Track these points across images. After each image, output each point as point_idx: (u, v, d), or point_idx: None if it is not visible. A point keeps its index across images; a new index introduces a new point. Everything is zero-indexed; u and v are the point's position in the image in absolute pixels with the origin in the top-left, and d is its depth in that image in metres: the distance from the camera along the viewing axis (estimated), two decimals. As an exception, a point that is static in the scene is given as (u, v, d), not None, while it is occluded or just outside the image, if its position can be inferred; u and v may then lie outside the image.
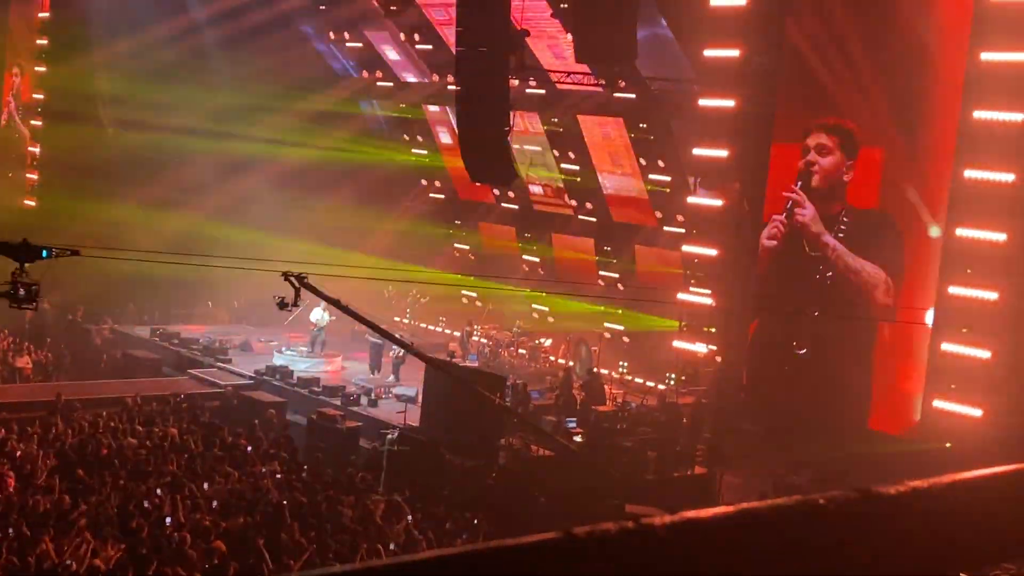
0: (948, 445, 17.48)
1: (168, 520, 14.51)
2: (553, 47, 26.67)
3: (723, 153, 21.45)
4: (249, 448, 18.62)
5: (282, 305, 16.89)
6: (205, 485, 16.17)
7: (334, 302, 17.44)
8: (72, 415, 20.15)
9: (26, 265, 15.20)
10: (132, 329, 29.52)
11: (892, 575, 1.12)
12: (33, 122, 34.35)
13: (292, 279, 16.18)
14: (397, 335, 26.60)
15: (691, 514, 0.97)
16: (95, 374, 25.93)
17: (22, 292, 15.50)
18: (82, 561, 12.60)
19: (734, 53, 20.79)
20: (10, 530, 13.28)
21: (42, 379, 25.29)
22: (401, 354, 25.54)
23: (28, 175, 33.67)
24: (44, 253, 15.09)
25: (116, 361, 26.84)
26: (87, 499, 14.88)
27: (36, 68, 33.59)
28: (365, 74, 33.05)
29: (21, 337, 27.42)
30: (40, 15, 33.33)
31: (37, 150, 33.78)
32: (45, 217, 29.75)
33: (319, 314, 27.40)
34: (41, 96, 33.63)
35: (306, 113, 32.30)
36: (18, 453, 16.86)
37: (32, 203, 32.63)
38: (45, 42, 33.10)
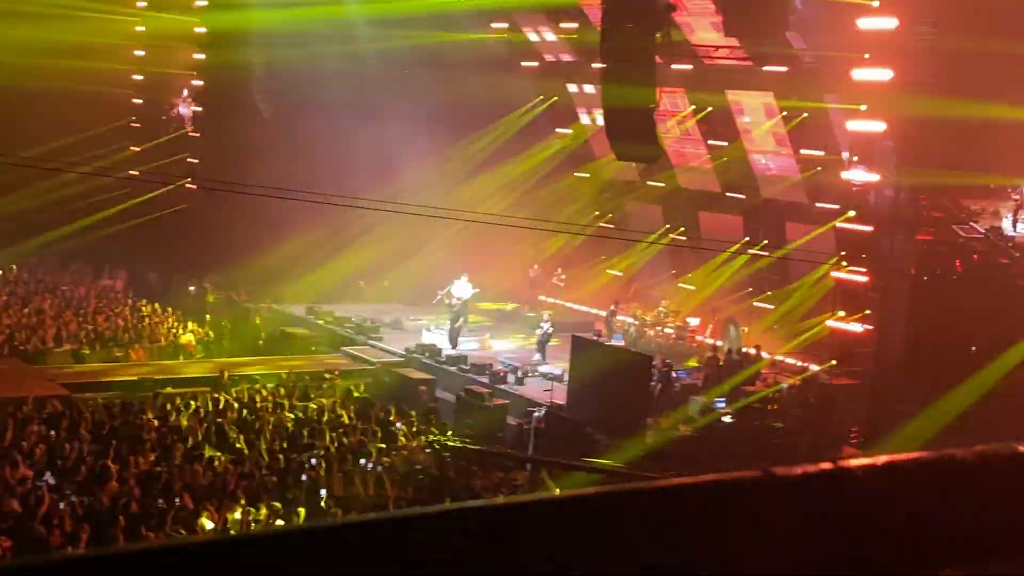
0: None
1: (323, 492, 14.97)
2: (702, 21, 26.26)
3: (879, 127, 20.77)
4: (399, 424, 19.00)
5: None
6: (363, 461, 16.59)
7: None
8: (232, 390, 20.93)
9: None
10: (289, 307, 30.34)
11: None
12: (194, 108, 35.67)
13: None
14: (545, 315, 26.76)
15: (888, 457, 0.95)
16: (254, 351, 26.83)
17: None
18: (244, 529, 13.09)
19: (891, 23, 20.08)
20: (176, 500, 13.90)
21: (204, 356, 26.30)
22: (549, 331, 25.65)
23: (189, 160, 34.92)
24: None
25: (274, 338, 27.69)
26: (246, 470, 15.44)
27: (195, 55, 34.68)
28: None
29: (185, 315, 28.57)
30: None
31: (198, 135, 35.03)
32: (203, 199, 30.78)
33: (462, 287, 26.43)
34: (201, 83, 34.80)
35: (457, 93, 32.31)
36: (183, 426, 17.62)
37: (193, 185, 33.81)
38: (204, 30, 34.09)
